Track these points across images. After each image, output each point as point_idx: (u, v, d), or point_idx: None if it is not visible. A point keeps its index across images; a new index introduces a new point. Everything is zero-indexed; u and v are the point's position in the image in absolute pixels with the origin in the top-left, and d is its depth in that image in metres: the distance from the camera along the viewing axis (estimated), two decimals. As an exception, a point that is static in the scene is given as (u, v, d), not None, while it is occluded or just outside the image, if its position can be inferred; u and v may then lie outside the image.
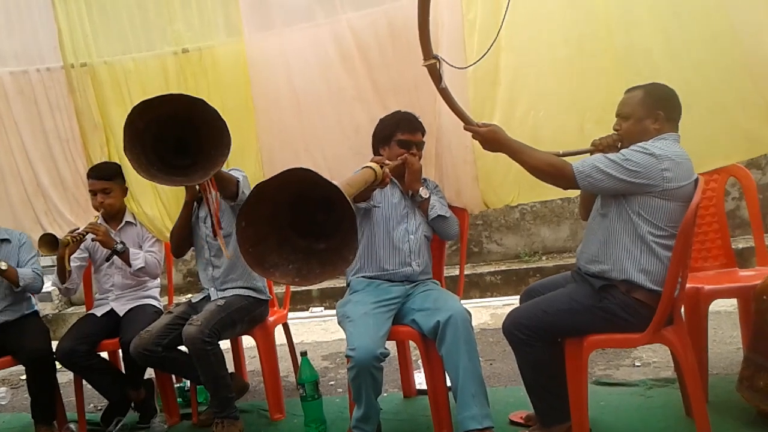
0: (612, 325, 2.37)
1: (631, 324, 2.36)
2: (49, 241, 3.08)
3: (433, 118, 3.11)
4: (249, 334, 3.23)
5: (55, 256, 3.19)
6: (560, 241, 6.57)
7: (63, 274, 3.25)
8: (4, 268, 3.17)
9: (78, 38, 3.41)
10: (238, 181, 2.88)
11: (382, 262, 2.91)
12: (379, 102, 3.21)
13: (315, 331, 5.10)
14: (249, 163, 3.40)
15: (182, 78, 3.38)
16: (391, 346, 2.75)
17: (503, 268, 6.28)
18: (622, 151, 2.35)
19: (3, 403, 4.01)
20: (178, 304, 3.28)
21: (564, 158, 2.45)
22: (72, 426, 3.38)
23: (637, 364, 3.49)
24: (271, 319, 3.34)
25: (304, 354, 3.02)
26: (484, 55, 2.53)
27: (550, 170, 2.40)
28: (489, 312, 5.06)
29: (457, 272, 3.23)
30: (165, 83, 3.40)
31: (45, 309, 6.25)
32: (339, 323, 2.80)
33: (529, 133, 2.78)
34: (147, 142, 2.41)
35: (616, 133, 2.49)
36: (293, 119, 3.35)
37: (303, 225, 1.77)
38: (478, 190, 3.18)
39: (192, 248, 3.33)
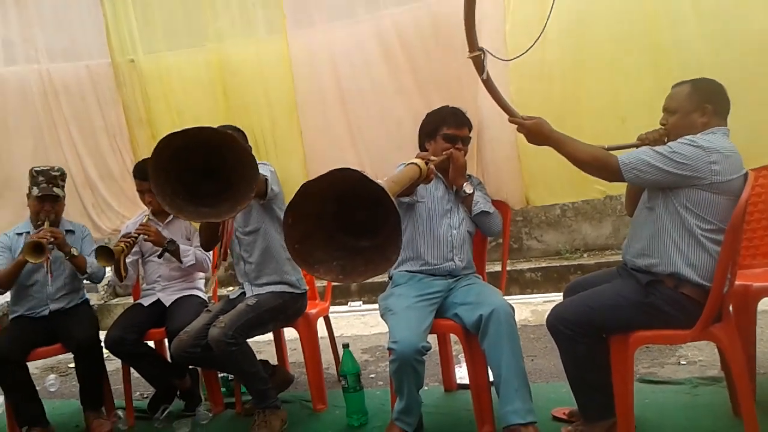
0: (658, 321, 2.33)
1: (678, 320, 2.31)
2: (106, 253, 3.16)
3: (476, 112, 3.10)
4: (291, 326, 3.26)
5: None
6: (602, 238, 6.49)
7: (120, 273, 3.34)
8: (75, 254, 3.27)
9: (124, 35, 3.50)
10: (266, 179, 2.86)
11: (425, 256, 2.91)
12: (421, 96, 3.22)
13: (355, 324, 5.13)
14: (292, 159, 3.44)
15: (225, 74, 3.44)
16: (432, 339, 2.76)
17: (543, 264, 6.24)
18: (669, 143, 2.31)
19: (52, 390, 4.12)
20: (223, 296, 3.33)
21: (611, 151, 2.42)
22: (120, 413, 3.46)
23: (682, 362, 3.43)
24: (313, 311, 3.37)
25: (346, 346, 3.05)
26: (530, 48, 2.51)
27: (595, 162, 2.37)
28: (529, 309, 5.02)
29: (497, 268, 3.22)
30: (208, 79, 3.47)
31: (91, 299, 6.37)
32: (381, 316, 2.82)
33: (573, 128, 2.74)
34: (173, 169, 2.31)
35: (662, 127, 2.45)
36: (336, 115, 3.37)
37: (349, 222, 1.78)
38: (521, 187, 3.17)
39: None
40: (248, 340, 2.98)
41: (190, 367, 3.40)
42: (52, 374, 4.32)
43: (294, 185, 3.34)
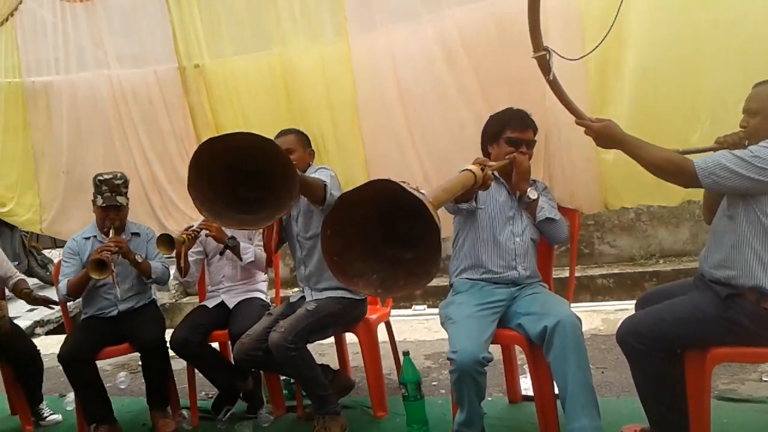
0: (739, 338, 2.18)
1: (760, 337, 2.15)
2: (167, 241, 3.21)
3: (543, 114, 2.98)
4: (351, 332, 3.23)
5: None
6: (679, 244, 6.20)
7: (180, 267, 3.39)
8: (139, 260, 3.35)
9: (191, 40, 3.56)
10: (326, 185, 2.81)
11: (487, 264, 2.82)
12: (485, 98, 3.12)
13: (418, 329, 5.06)
14: (353, 162, 3.41)
15: (288, 78, 3.44)
16: (496, 349, 2.67)
17: (616, 270, 6.02)
18: (750, 147, 2.15)
19: (122, 387, 4.23)
20: (285, 298, 3.33)
21: (686, 155, 2.27)
22: (184, 412, 3.52)
23: (765, 379, 3.21)
24: (373, 316, 3.32)
25: (406, 354, 2.99)
26: (596, 48, 2.39)
27: (669, 167, 2.23)
28: (600, 317, 4.82)
29: (566, 273, 3.09)
30: (271, 83, 3.48)
31: (162, 298, 6.59)
32: (442, 324, 2.75)
33: (648, 130, 2.60)
34: (215, 173, 2.29)
35: (742, 130, 2.29)
36: (398, 117, 3.32)
37: (391, 233, 1.71)
38: (599, 190, 3.03)
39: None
40: (311, 343, 2.96)
41: (253, 369, 3.41)
42: (123, 372, 4.43)
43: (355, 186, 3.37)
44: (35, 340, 5.74)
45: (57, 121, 4.00)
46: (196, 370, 3.42)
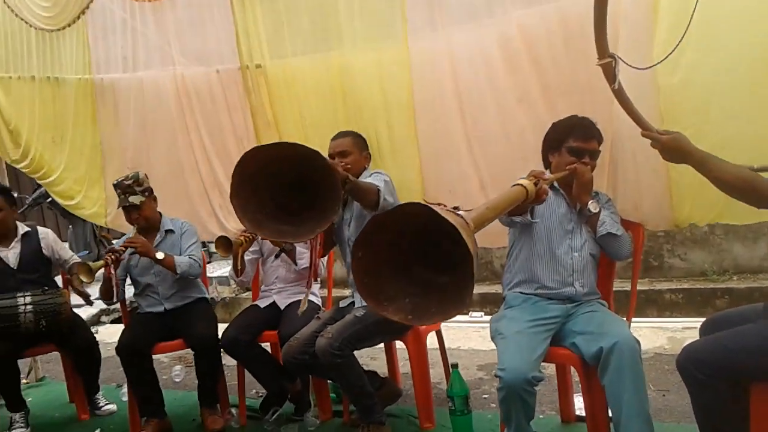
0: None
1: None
2: (225, 243, 3.24)
3: (609, 123, 2.84)
4: (400, 340, 3.17)
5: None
6: (756, 260, 5.86)
7: (237, 268, 3.41)
8: (160, 257, 3.37)
9: (253, 40, 3.57)
10: (379, 190, 2.77)
11: (542, 279, 2.70)
12: (547, 104, 3.00)
13: (473, 337, 4.94)
14: (407, 166, 3.35)
15: (345, 79, 3.41)
16: (550, 365, 2.55)
17: (686, 285, 5.73)
18: None
19: (177, 380, 4.31)
20: (337, 300, 3.30)
21: (760, 173, 2.11)
22: (233, 410, 3.54)
23: None
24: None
25: (455, 366, 2.92)
26: (667, 56, 2.24)
27: (741, 185, 2.07)
28: (666, 335, 4.59)
29: (628, 286, 2.93)
30: (329, 84, 3.46)
31: (223, 292, 6.70)
32: (491, 339, 2.66)
33: (721, 144, 2.43)
34: (259, 182, 2.25)
35: None
36: (455, 121, 3.23)
37: (428, 254, 1.62)
38: (666, 206, 2.85)
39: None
40: (358, 350, 2.93)
41: (302, 372, 3.39)
42: (179, 365, 4.51)
43: (408, 192, 3.31)
44: (100, 329, 5.97)
45: (123, 117, 4.10)
46: (246, 369, 3.43)
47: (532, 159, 2.88)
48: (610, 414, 2.42)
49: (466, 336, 5.00)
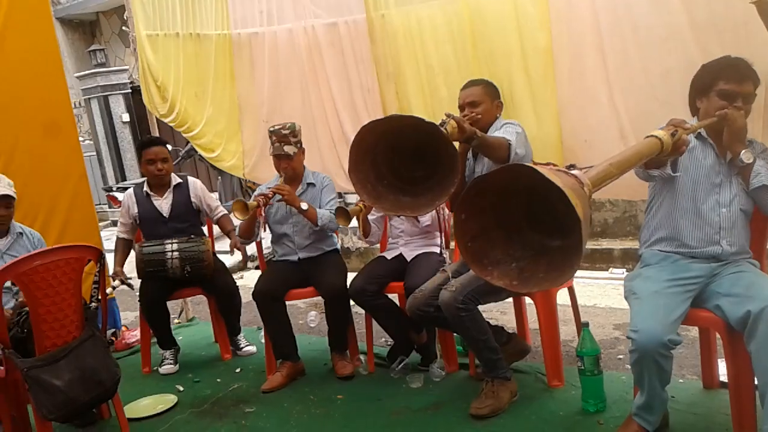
0: None
1: None
2: (343, 215, 3.30)
3: (766, 65, 2.51)
4: (528, 296, 3.07)
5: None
6: None
7: (362, 231, 3.48)
8: (305, 208, 3.45)
9: (380, -13, 3.50)
10: (509, 144, 2.65)
11: (684, 236, 2.47)
12: (697, 43, 2.70)
13: (611, 295, 4.71)
14: (544, 113, 3.19)
15: (475, 24, 3.27)
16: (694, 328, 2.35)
17: None
18: None
19: (312, 326, 4.49)
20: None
21: None
22: (362, 357, 3.63)
23: None
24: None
25: (585, 325, 2.79)
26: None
27: None
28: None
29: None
30: (458, 30, 3.34)
31: (358, 242, 6.86)
32: (625, 298, 2.50)
33: None
34: (378, 154, 2.24)
35: None
36: (595, 66, 3.02)
37: (539, 216, 1.50)
38: None
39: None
40: (483, 304, 2.86)
41: (426, 324, 3.40)
42: (313, 311, 4.69)
43: (543, 143, 3.16)
44: (245, 273, 6.34)
45: (259, 71, 4.22)
46: (373, 319, 3.49)
47: (677, 104, 2.63)
48: (756, 382, 2.21)
49: (603, 293, 4.78)
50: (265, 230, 3.69)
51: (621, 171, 1.56)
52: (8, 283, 2.94)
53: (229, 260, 4.99)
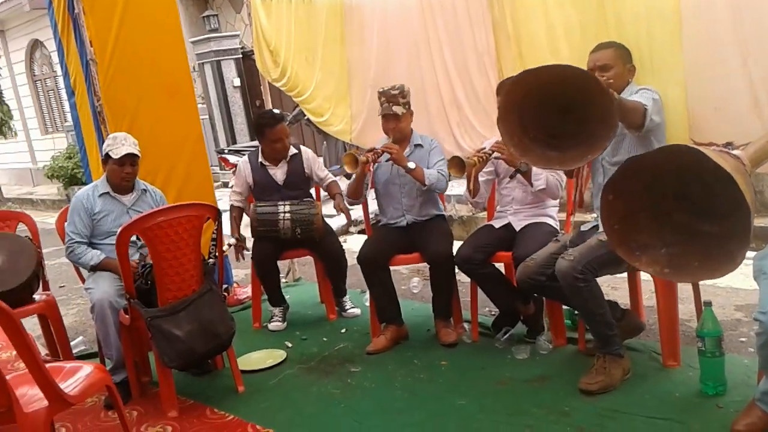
0: None
1: None
2: (458, 164, 3.20)
3: None
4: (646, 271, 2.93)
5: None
6: None
7: (470, 188, 3.39)
8: (412, 167, 3.44)
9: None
10: (645, 109, 2.51)
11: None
12: None
13: (734, 274, 4.35)
14: (669, 80, 2.96)
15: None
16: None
17: None
18: None
19: (415, 291, 4.50)
20: (577, 224, 3.13)
21: None
22: (466, 326, 3.61)
23: None
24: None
25: (708, 304, 2.64)
26: None
27: None
28: None
29: None
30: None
31: (461, 211, 6.80)
32: (754, 278, 2.32)
33: None
34: (525, 106, 2.18)
35: None
36: (725, 28, 2.78)
37: (691, 198, 1.38)
38: None
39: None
40: (601, 276, 2.77)
41: (535, 294, 3.33)
42: (417, 277, 4.70)
43: (668, 111, 2.96)
44: (348, 238, 6.43)
45: (368, 36, 4.20)
46: (479, 287, 3.45)
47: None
48: None
49: (728, 272, 4.49)
50: (369, 190, 3.72)
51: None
52: (133, 237, 3.10)
53: (334, 224, 5.07)
